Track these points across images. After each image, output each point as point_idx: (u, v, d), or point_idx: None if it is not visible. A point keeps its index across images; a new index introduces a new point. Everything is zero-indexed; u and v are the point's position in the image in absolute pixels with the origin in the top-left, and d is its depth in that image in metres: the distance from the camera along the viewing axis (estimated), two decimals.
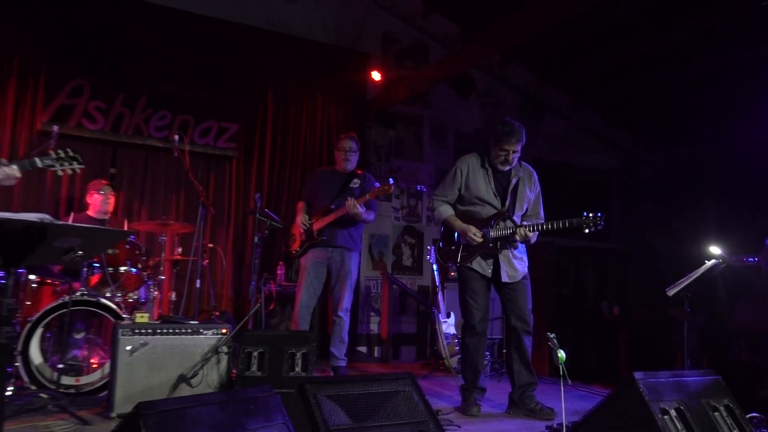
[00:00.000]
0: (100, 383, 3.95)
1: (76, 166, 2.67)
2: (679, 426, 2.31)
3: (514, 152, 3.75)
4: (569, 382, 2.27)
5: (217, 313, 5.19)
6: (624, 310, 6.69)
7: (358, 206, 4.47)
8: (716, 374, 2.71)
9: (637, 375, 2.40)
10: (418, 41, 7.34)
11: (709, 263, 3.27)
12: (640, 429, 2.33)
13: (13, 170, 2.57)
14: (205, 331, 3.65)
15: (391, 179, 4.48)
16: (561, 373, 2.27)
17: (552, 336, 2.35)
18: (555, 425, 3.02)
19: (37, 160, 2.59)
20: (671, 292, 3.22)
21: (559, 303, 6.03)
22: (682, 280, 3.22)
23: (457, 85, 6.85)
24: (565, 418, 2.42)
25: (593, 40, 6.62)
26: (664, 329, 6.03)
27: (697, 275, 3.17)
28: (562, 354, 2.31)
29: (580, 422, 2.65)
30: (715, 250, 3.36)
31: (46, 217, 1.71)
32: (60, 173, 2.67)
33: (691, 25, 6.03)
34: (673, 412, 2.35)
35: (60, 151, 2.66)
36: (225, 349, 3.64)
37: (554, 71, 7.64)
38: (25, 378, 3.75)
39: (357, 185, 4.72)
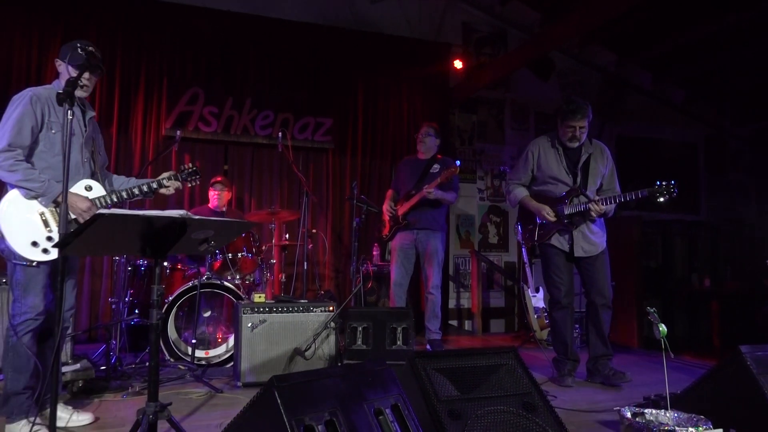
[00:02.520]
0: (226, 355, 4.19)
1: (196, 177, 3.08)
2: None
3: (580, 128, 3.67)
4: (672, 355, 2.15)
5: (322, 292, 5.34)
6: (715, 282, 6.26)
7: (432, 190, 4.53)
8: None
9: (744, 348, 2.24)
10: (497, 28, 7.13)
11: None
12: (748, 402, 2.18)
13: (178, 184, 2.98)
14: (314, 309, 3.76)
15: (457, 161, 4.59)
16: (663, 346, 2.15)
17: (652, 310, 2.23)
18: (653, 396, 2.87)
19: (179, 176, 3.01)
20: None
21: (646, 275, 5.73)
22: None
23: (536, 67, 6.57)
24: (665, 389, 2.29)
25: (673, 15, 6.13)
26: (757, 300, 5.61)
27: None
28: (663, 328, 2.19)
29: (681, 394, 2.51)
30: None
31: (186, 213, 1.81)
32: (191, 186, 3.11)
33: None
34: None
35: (187, 166, 3.04)
36: (333, 324, 3.75)
37: (634, 49, 7.16)
38: (165, 352, 4.04)
39: (437, 170, 4.73)
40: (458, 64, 6.48)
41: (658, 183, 3.45)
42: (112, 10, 5.43)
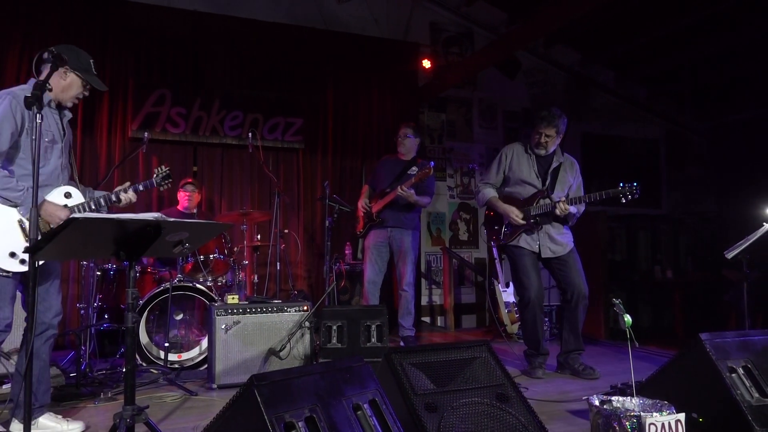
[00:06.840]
0: (200, 358, 4.17)
1: (169, 181, 2.96)
2: (747, 383, 2.26)
3: (547, 135, 3.81)
4: (637, 345, 2.24)
5: (296, 292, 5.34)
6: (677, 273, 6.48)
7: (407, 190, 4.56)
8: None
9: (703, 336, 2.35)
10: (464, 28, 7.23)
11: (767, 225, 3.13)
12: (708, 387, 2.29)
13: (133, 195, 2.81)
14: (288, 309, 3.77)
15: (431, 162, 4.63)
16: (628, 336, 2.24)
17: (618, 302, 2.32)
18: (620, 385, 2.98)
19: (148, 183, 2.89)
20: (730, 255, 3.10)
21: (612, 268, 5.91)
22: (741, 242, 3.09)
23: (503, 66, 6.70)
24: (630, 377, 2.39)
25: (636, 14, 6.33)
26: (717, 290, 5.84)
27: (756, 237, 3.03)
28: (628, 318, 2.28)
29: (646, 382, 2.62)
30: None
31: (160, 216, 1.81)
32: (162, 189, 2.97)
33: None
34: (740, 371, 2.29)
35: (161, 170, 2.93)
36: (308, 324, 3.76)
37: (598, 48, 7.36)
38: (137, 356, 3.99)
39: (414, 172, 4.77)
40: (427, 63, 6.55)
41: (621, 184, 3.58)
42: (74, 8, 5.32)
